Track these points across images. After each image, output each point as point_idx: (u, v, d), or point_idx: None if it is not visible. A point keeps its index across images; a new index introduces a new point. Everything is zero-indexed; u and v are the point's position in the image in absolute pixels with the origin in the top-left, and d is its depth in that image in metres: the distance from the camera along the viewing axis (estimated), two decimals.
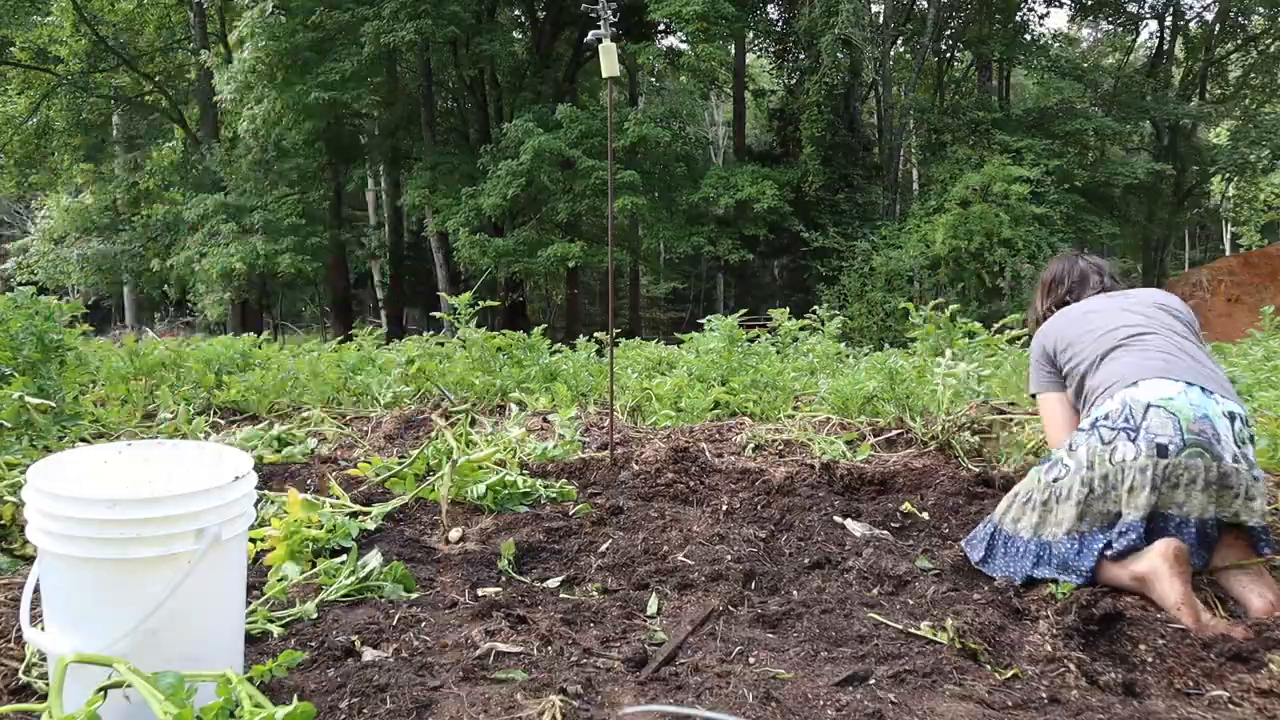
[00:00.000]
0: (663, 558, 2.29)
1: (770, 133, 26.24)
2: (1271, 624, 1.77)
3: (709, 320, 5.44)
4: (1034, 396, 2.45)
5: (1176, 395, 2.00)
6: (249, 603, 1.87)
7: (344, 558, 2.12)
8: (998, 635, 1.79)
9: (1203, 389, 2.02)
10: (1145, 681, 1.66)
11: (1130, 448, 1.98)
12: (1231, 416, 2.00)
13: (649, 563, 2.25)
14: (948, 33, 23.71)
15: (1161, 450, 1.94)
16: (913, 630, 1.83)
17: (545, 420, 4.27)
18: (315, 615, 1.89)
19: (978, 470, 3.18)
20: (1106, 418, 2.05)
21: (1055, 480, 2.12)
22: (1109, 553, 1.97)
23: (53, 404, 3.81)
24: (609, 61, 3.17)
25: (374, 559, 2.08)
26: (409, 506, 2.66)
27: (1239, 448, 1.96)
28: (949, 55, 25.57)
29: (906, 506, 2.73)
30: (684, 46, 22.15)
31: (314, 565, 2.12)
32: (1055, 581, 2.03)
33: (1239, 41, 25.86)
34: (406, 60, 20.89)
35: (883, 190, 20.70)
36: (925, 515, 2.66)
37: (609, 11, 3.20)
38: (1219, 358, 4.99)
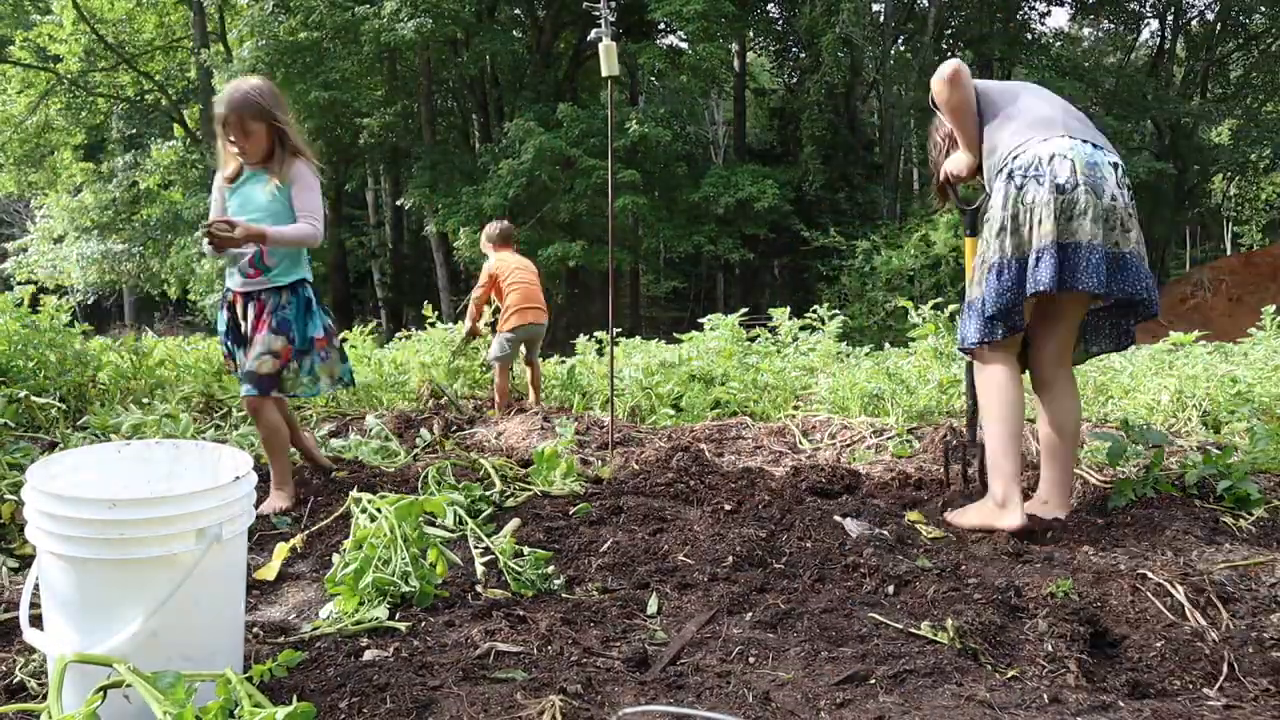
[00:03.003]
0: (663, 557, 2.28)
1: (771, 132, 26.23)
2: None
3: (709, 320, 5.44)
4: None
5: (1076, 146, 2.39)
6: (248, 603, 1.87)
7: None
8: (998, 635, 1.79)
9: (1094, 144, 2.42)
10: (1146, 681, 1.66)
11: (1038, 189, 2.36)
12: (1114, 166, 2.42)
13: (649, 562, 2.25)
14: (948, 32, 23.68)
15: (1059, 188, 2.34)
16: (913, 630, 1.83)
17: (545, 420, 4.27)
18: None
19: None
20: (1020, 167, 2.42)
21: (990, 227, 2.46)
22: (1038, 282, 2.33)
23: (57, 404, 3.81)
24: (609, 60, 3.17)
25: None
26: None
27: (1118, 189, 2.38)
28: (950, 54, 25.54)
29: (911, 515, 2.73)
30: (684, 46, 22.13)
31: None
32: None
33: (1240, 40, 25.84)
34: (406, 60, 20.87)
35: (883, 190, 20.68)
36: (925, 515, 2.66)
37: (609, 10, 3.20)
38: (1220, 356, 4.99)
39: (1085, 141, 2.40)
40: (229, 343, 2.96)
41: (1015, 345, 2.52)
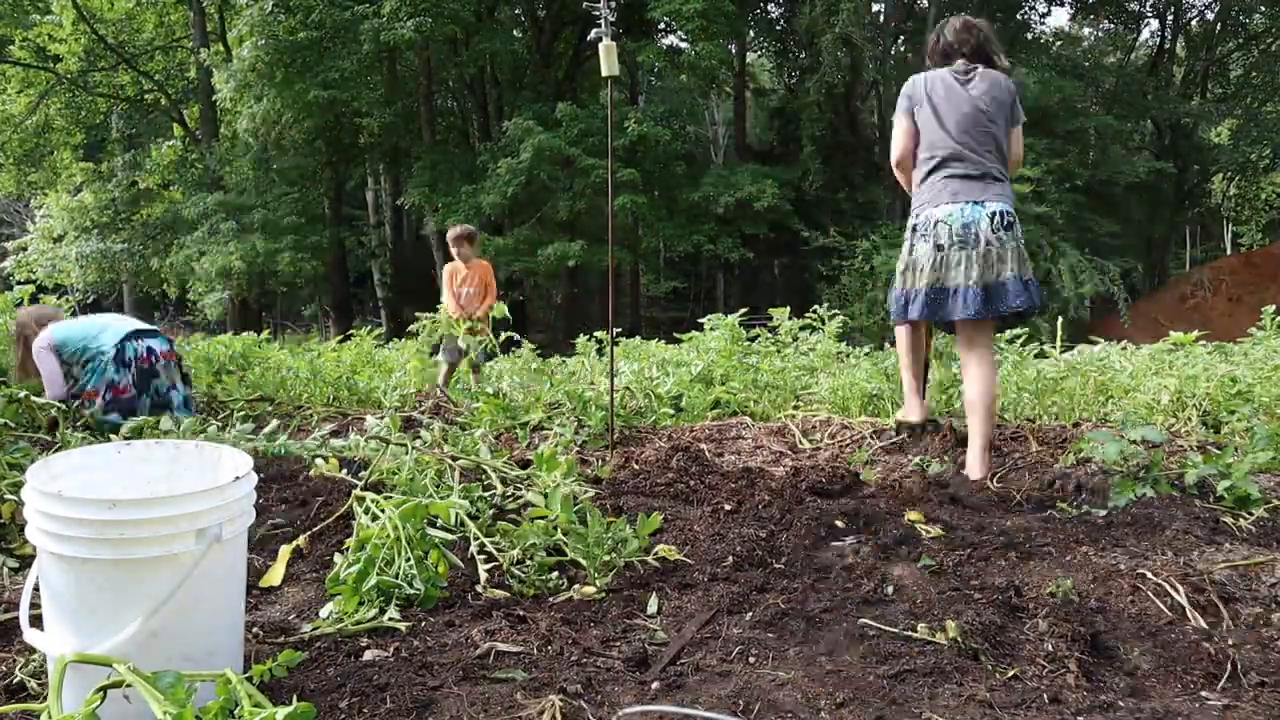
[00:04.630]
0: (663, 557, 2.28)
1: (771, 132, 26.21)
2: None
3: (709, 319, 5.43)
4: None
5: (954, 211, 3.12)
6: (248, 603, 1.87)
7: None
8: (998, 635, 1.79)
9: (974, 203, 3.10)
10: (1146, 681, 1.66)
11: (924, 247, 3.18)
12: (993, 215, 3.09)
13: (649, 561, 2.25)
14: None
15: (938, 248, 3.13)
16: (913, 630, 1.83)
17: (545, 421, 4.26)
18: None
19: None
20: (916, 229, 3.22)
21: (902, 257, 3.31)
22: (910, 313, 3.25)
23: (57, 404, 3.81)
24: (609, 60, 3.17)
25: None
26: None
27: (993, 233, 3.08)
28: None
29: (911, 514, 2.73)
30: (684, 45, 22.12)
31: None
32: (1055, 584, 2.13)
33: (1240, 40, 25.83)
34: (406, 59, 20.87)
35: (883, 189, 20.66)
36: (926, 515, 2.66)
37: (609, 10, 3.20)
38: (1220, 356, 4.99)
39: (968, 203, 3.10)
40: None
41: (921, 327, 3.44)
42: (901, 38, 23.50)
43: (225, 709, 1.31)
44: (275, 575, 2.15)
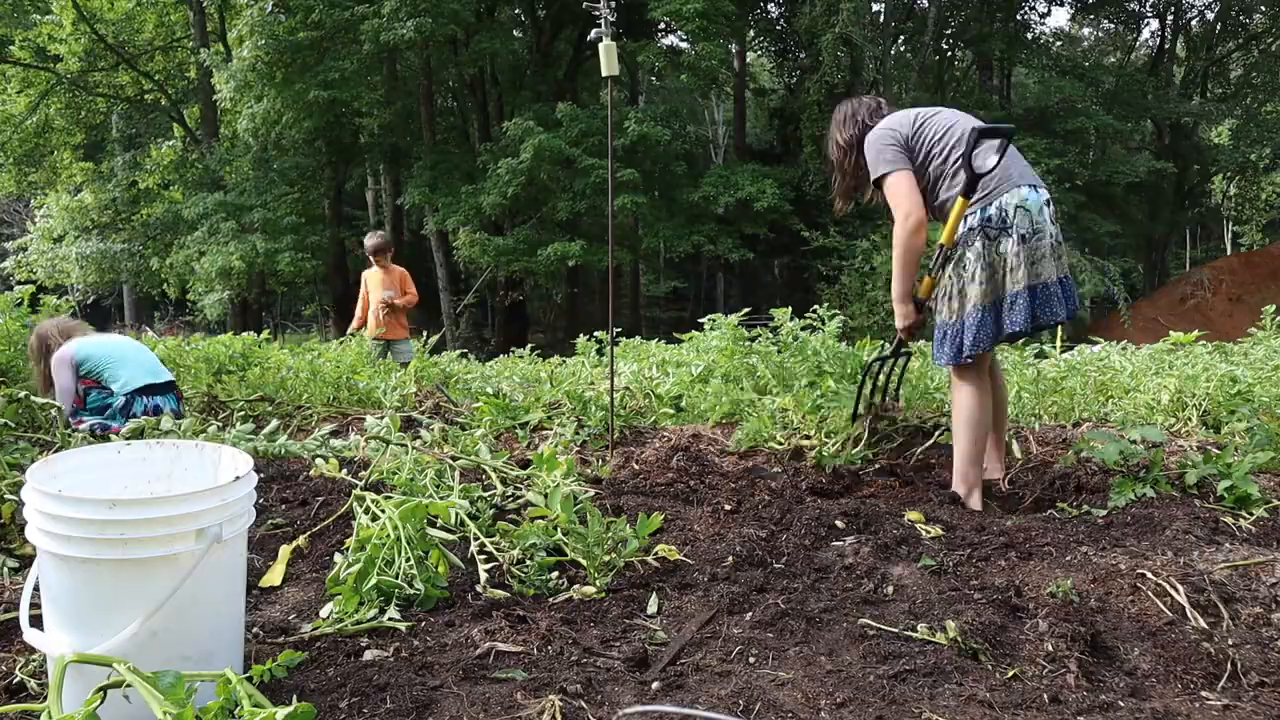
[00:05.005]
0: (663, 557, 2.28)
1: (771, 132, 26.22)
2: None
3: (709, 320, 5.43)
4: (883, 178, 2.83)
5: (1028, 195, 2.74)
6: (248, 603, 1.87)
7: None
8: (998, 635, 1.79)
9: (1033, 187, 2.75)
10: (1147, 681, 1.66)
11: (1009, 241, 2.72)
12: (1048, 202, 2.78)
13: (649, 561, 2.25)
14: (948, 31, 23.68)
15: (1023, 239, 2.72)
16: (913, 630, 1.83)
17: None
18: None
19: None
20: (989, 220, 2.73)
21: (963, 272, 2.78)
22: (1007, 328, 2.74)
23: (57, 404, 3.81)
24: (609, 60, 3.16)
25: None
26: None
27: (1052, 224, 2.78)
28: (950, 54, 25.55)
29: (911, 514, 2.73)
30: (684, 45, 22.12)
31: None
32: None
33: (1240, 40, 25.84)
34: (406, 59, 20.87)
35: None
36: (926, 514, 2.66)
37: (609, 10, 3.20)
38: (1220, 356, 4.99)
39: (1032, 187, 2.75)
40: None
41: (986, 360, 2.90)
42: (901, 38, 23.50)
43: (225, 709, 1.31)
44: (275, 575, 2.15)
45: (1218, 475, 2.70)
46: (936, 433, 3.61)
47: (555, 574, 2.17)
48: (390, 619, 1.86)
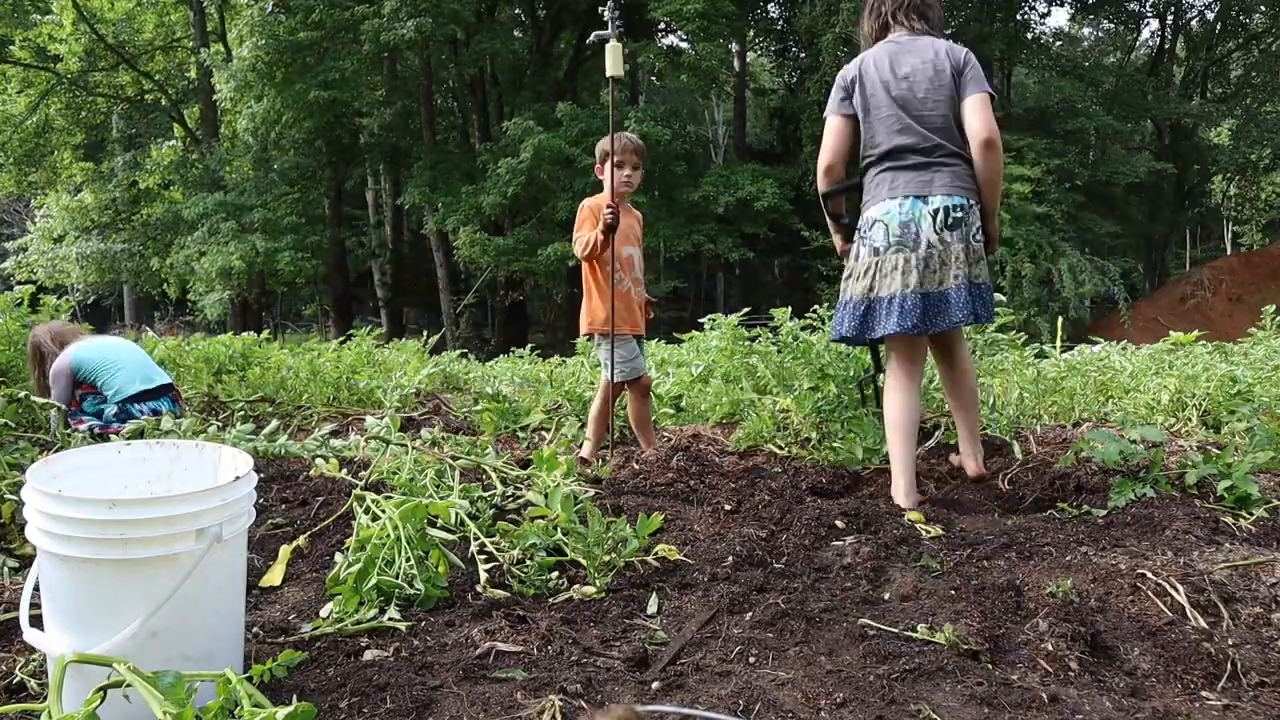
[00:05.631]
0: (663, 557, 2.28)
1: (771, 132, 26.22)
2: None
3: (709, 319, 5.43)
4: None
5: (891, 209, 2.75)
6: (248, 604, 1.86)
7: None
8: (998, 635, 1.79)
9: (917, 197, 2.72)
10: (1147, 681, 1.66)
11: (862, 250, 2.81)
12: (935, 212, 2.69)
13: (649, 561, 2.25)
14: (949, 31, 23.60)
15: (875, 251, 2.76)
16: (913, 630, 1.83)
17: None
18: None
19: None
20: (858, 229, 2.85)
21: (847, 270, 2.92)
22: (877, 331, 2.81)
23: (58, 404, 3.81)
24: (614, 60, 3.16)
25: None
26: None
27: (938, 233, 2.70)
28: None
29: (912, 514, 2.73)
30: (685, 45, 22.12)
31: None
32: (1055, 587, 2.17)
33: (1240, 40, 25.84)
34: (406, 59, 20.87)
35: None
36: (925, 515, 2.66)
37: (616, 11, 3.19)
38: (1220, 356, 4.99)
39: (906, 198, 2.73)
40: None
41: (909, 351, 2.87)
42: None
43: (225, 709, 1.31)
44: (275, 575, 2.15)
45: (1218, 475, 2.70)
46: (936, 433, 3.61)
47: (555, 574, 2.17)
48: (390, 619, 1.86)
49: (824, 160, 2.89)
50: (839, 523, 2.54)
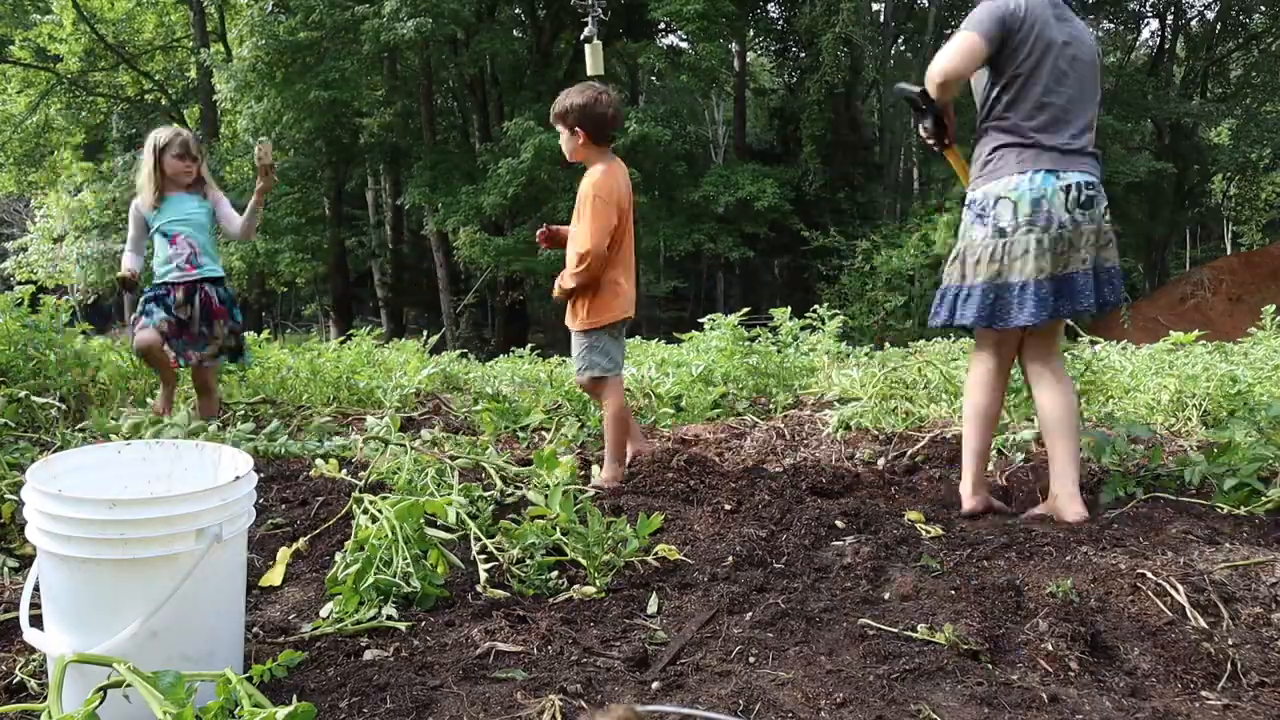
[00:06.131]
0: (663, 557, 2.28)
1: (771, 131, 26.21)
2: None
3: (709, 319, 5.43)
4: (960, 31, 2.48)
5: (1019, 184, 2.45)
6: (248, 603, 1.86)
7: None
8: (998, 635, 1.79)
9: (1048, 170, 2.44)
10: (1147, 681, 1.66)
11: (980, 230, 2.51)
12: (1068, 189, 2.44)
13: (649, 561, 2.25)
14: (948, 31, 23.67)
15: (1000, 232, 2.47)
16: (913, 630, 1.83)
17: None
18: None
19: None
20: (973, 203, 2.55)
21: (964, 248, 2.58)
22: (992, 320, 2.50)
23: (57, 404, 3.81)
24: (595, 60, 3.16)
25: None
26: None
27: (1069, 213, 2.44)
28: None
29: (911, 514, 2.73)
30: (685, 45, 22.13)
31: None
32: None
33: (1240, 40, 25.84)
34: (406, 59, 20.87)
35: (883, 189, 20.69)
36: (927, 515, 2.66)
37: (598, 9, 3.19)
38: (1220, 356, 4.99)
39: (1037, 172, 2.45)
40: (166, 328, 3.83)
41: (1001, 336, 2.61)
42: (901, 38, 23.50)
43: (225, 709, 1.31)
44: (275, 575, 2.15)
45: (1218, 474, 2.70)
46: (926, 435, 3.61)
47: (555, 574, 2.17)
48: (388, 617, 1.86)
49: (954, 66, 2.45)
50: (839, 523, 2.54)
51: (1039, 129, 2.47)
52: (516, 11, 23.24)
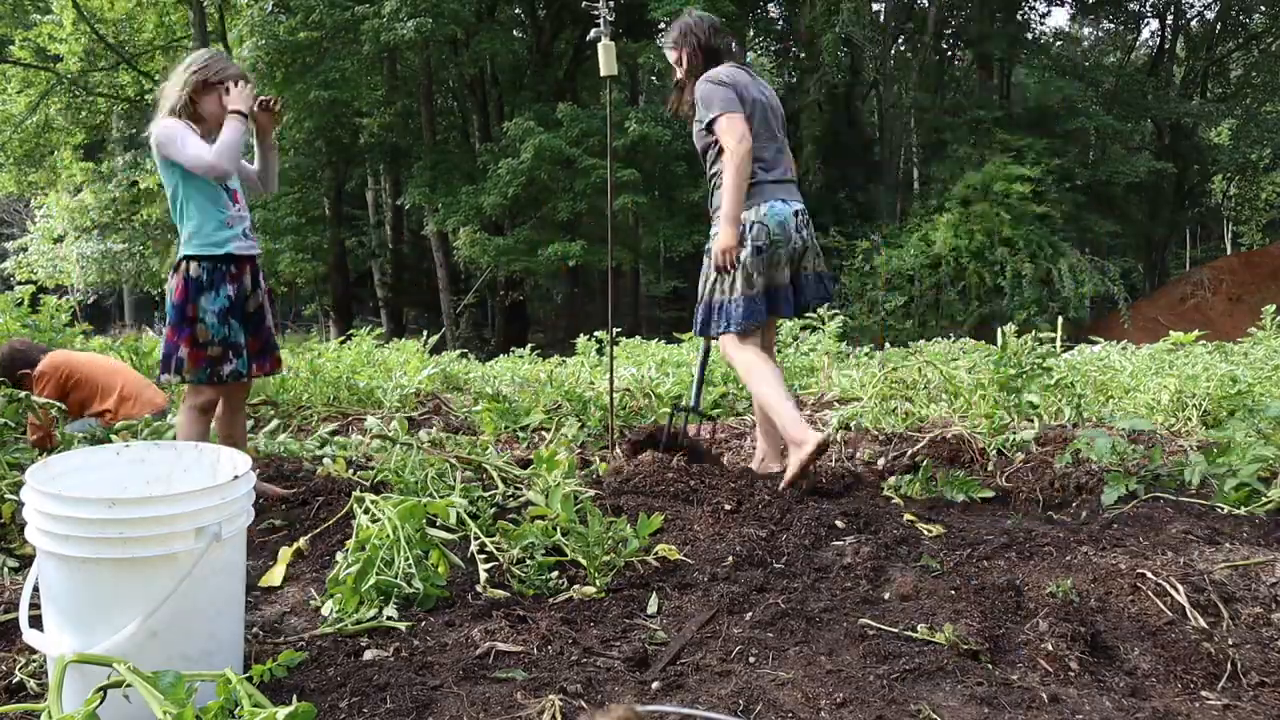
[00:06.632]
0: (663, 557, 2.28)
1: None
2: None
3: None
4: (716, 120, 3.00)
5: (774, 206, 3.07)
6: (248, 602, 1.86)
7: None
8: (998, 635, 1.79)
9: (783, 200, 3.10)
10: (1147, 681, 1.66)
11: (745, 251, 3.07)
12: (796, 213, 3.15)
13: (649, 561, 2.25)
14: (948, 31, 23.69)
15: (758, 250, 3.06)
16: (913, 630, 1.83)
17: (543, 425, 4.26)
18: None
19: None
20: (741, 224, 3.07)
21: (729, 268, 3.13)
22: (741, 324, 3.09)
23: (57, 404, 3.80)
24: (608, 60, 3.17)
25: None
26: None
27: (797, 232, 3.15)
28: (950, 54, 25.55)
29: (910, 514, 2.73)
30: None
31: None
32: (1056, 586, 2.14)
33: (1240, 40, 25.84)
34: (406, 59, 20.87)
35: (883, 189, 20.69)
36: (926, 515, 2.66)
37: (607, 10, 3.21)
38: (1220, 356, 4.99)
39: (778, 200, 3.07)
40: (232, 322, 2.87)
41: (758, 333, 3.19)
42: (901, 38, 23.50)
43: (225, 709, 1.31)
44: (275, 575, 2.15)
45: (1218, 474, 2.70)
46: (926, 435, 3.60)
47: (555, 574, 2.17)
48: (388, 617, 1.86)
49: (746, 145, 2.99)
50: (839, 523, 2.54)
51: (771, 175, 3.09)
52: (516, 11, 23.23)
